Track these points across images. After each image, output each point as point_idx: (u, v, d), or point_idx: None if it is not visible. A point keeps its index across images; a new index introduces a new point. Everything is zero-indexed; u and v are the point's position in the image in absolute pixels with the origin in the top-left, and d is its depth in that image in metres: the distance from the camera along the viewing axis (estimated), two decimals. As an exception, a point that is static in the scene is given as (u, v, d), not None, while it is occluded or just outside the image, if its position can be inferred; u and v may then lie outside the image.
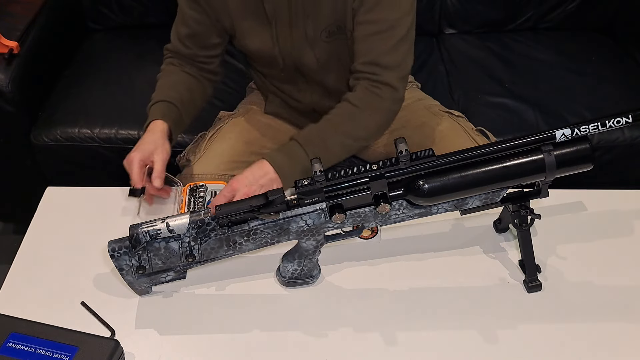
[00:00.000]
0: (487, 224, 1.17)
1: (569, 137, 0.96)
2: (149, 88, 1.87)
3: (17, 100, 1.72)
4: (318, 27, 1.27)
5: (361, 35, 1.23)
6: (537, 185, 1.03)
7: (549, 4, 2.14)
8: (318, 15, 1.25)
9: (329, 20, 1.26)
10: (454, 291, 1.07)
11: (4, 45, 1.73)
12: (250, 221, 0.99)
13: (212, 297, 1.06)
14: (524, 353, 0.97)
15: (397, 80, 1.23)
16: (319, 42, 1.29)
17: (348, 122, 1.23)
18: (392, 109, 1.27)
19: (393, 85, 1.23)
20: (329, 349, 0.98)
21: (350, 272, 1.10)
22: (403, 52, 1.24)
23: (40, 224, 1.20)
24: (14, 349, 0.91)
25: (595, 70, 1.99)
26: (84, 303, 1.04)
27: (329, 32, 1.27)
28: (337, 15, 1.24)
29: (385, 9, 1.20)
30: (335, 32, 1.27)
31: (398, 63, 1.23)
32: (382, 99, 1.23)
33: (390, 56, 1.22)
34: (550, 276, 1.08)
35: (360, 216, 1.00)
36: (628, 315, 1.02)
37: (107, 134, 1.76)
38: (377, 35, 1.21)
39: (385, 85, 1.22)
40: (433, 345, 0.98)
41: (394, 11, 1.20)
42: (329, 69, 1.35)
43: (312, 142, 1.21)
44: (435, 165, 0.96)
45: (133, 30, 2.19)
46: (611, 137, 1.76)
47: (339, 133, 1.23)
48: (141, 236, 0.98)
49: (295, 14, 1.25)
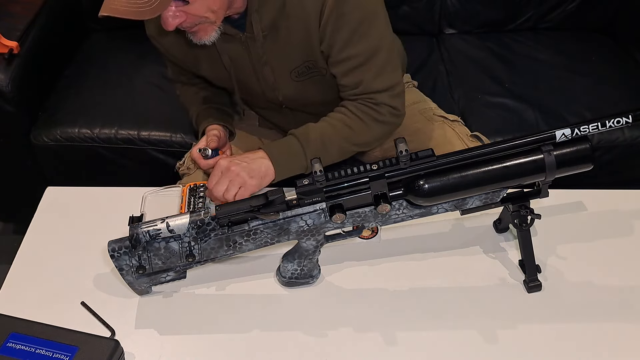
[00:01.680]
0: (487, 224, 1.17)
1: (569, 137, 0.96)
2: (149, 88, 1.89)
3: (17, 100, 1.72)
4: (285, 70, 1.26)
5: (343, 71, 1.22)
6: (537, 185, 1.03)
7: (549, 4, 2.13)
8: (283, 60, 1.24)
9: (297, 63, 1.25)
10: (454, 291, 1.07)
11: (4, 45, 1.73)
12: (250, 221, 0.99)
13: (212, 297, 1.06)
14: (524, 353, 0.97)
15: (393, 98, 1.24)
16: (289, 81, 1.28)
17: (347, 128, 1.24)
18: (393, 121, 1.27)
19: (389, 104, 1.24)
20: (329, 349, 0.98)
21: (350, 272, 1.10)
22: (391, 71, 1.24)
23: (40, 224, 1.20)
24: (14, 349, 0.91)
25: (595, 70, 1.99)
26: (84, 303, 1.04)
27: (299, 73, 1.27)
28: (305, 57, 1.23)
29: (358, 43, 1.18)
30: (306, 72, 1.26)
31: (389, 84, 1.23)
32: (381, 114, 1.24)
33: (380, 81, 1.22)
34: (550, 276, 1.08)
35: (360, 216, 1.00)
36: (628, 315, 1.02)
37: (107, 134, 1.76)
38: (359, 69, 1.21)
39: (382, 105, 1.24)
40: (433, 345, 0.98)
41: (367, 41, 1.18)
42: (307, 101, 1.34)
43: (310, 140, 1.21)
44: (435, 165, 0.96)
45: (133, 30, 2.15)
46: (611, 137, 1.76)
47: (338, 136, 1.23)
48: (141, 236, 0.98)
49: (257, 61, 1.25)
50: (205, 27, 1.12)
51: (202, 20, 1.10)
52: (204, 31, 1.13)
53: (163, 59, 1.42)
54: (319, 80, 1.28)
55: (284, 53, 1.23)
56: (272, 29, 1.19)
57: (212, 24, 1.12)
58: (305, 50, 1.22)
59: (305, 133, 1.23)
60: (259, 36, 1.20)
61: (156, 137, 1.76)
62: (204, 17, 1.09)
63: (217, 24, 1.13)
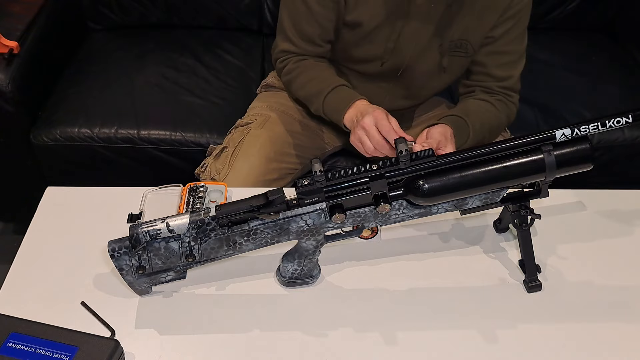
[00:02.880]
0: (487, 224, 1.17)
1: (569, 137, 0.96)
2: (149, 88, 1.90)
3: (17, 100, 1.72)
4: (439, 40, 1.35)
5: (499, 63, 1.40)
6: (537, 185, 1.03)
7: (549, 4, 2.14)
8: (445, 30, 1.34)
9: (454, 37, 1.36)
10: (454, 291, 1.07)
11: (4, 45, 1.73)
12: (250, 221, 0.99)
13: (212, 297, 1.06)
14: (524, 353, 0.97)
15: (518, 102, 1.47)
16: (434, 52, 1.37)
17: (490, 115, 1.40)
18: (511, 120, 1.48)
19: (517, 106, 1.47)
20: (329, 349, 0.98)
21: (350, 272, 1.10)
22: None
23: (40, 224, 1.20)
24: (14, 349, 0.91)
25: (595, 70, 1.99)
26: (84, 303, 1.04)
27: (447, 48, 1.36)
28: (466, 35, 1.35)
29: (518, 42, 1.40)
30: (454, 48, 1.38)
31: (519, 87, 1.46)
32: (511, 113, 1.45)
33: (520, 82, 1.45)
34: (550, 276, 1.08)
35: (360, 216, 1.00)
36: (628, 315, 1.02)
37: (107, 133, 1.76)
38: (512, 65, 1.41)
39: (514, 104, 1.45)
40: (433, 345, 0.98)
41: (522, 43, 1.41)
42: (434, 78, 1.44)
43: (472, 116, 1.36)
44: (435, 165, 0.96)
45: (133, 30, 2.19)
46: (611, 137, 1.76)
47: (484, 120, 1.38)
48: (141, 236, 0.98)
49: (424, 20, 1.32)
50: None
51: None
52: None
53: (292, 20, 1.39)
54: (457, 61, 1.40)
55: (451, 24, 1.33)
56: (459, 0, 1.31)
57: None
58: (471, 29, 1.34)
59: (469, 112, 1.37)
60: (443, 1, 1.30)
61: (156, 137, 1.76)
62: None
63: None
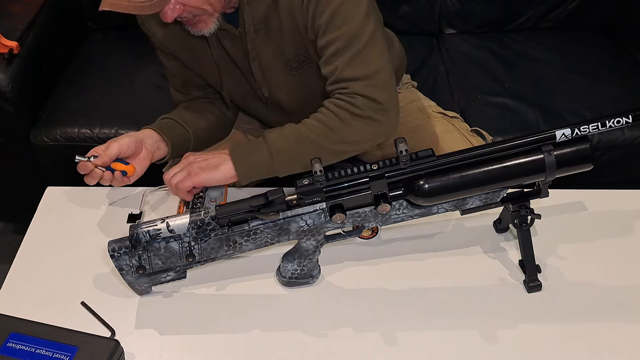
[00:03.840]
0: (487, 224, 1.17)
1: (569, 137, 0.96)
2: (149, 88, 1.89)
3: (17, 100, 1.72)
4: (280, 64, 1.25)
5: (323, 60, 1.17)
6: (537, 185, 1.03)
7: (549, 4, 2.13)
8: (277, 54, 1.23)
9: (289, 56, 1.24)
10: (453, 291, 1.07)
11: (4, 45, 1.73)
12: (250, 221, 0.99)
13: (212, 297, 1.06)
14: (524, 353, 0.97)
15: (369, 88, 1.14)
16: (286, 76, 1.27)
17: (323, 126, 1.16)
18: (376, 117, 1.15)
19: (365, 94, 1.14)
20: (329, 349, 0.98)
21: (350, 272, 1.10)
22: (371, 60, 1.15)
23: (40, 224, 1.20)
24: (14, 349, 0.91)
25: (595, 70, 1.99)
26: (84, 303, 1.04)
27: (291, 67, 1.25)
28: (297, 49, 1.22)
29: (337, 28, 1.14)
30: (299, 65, 1.25)
31: (366, 73, 1.15)
32: (357, 107, 1.14)
33: (354, 68, 1.15)
34: (550, 276, 1.08)
35: (360, 216, 1.00)
36: (628, 315, 1.02)
37: (107, 133, 1.76)
38: (337, 54, 1.15)
39: (355, 95, 1.15)
40: (433, 345, 0.98)
41: (346, 26, 1.14)
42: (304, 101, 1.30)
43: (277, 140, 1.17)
44: (435, 165, 0.96)
45: (133, 30, 2.17)
46: (611, 137, 1.76)
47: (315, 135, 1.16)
48: (141, 236, 0.98)
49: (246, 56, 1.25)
50: (205, 19, 1.14)
51: (200, 12, 1.11)
52: (204, 22, 1.15)
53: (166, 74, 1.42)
54: (315, 72, 1.23)
55: (276, 47, 1.23)
56: (264, 23, 1.19)
57: (210, 16, 1.14)
58: (296, 41, 1.21)
59: (275, 132, 1.18)
60: (250, 30, 1.20)
61: (156, 137, 1.76)
62: (202, 9, 1.11)
63: (215, 15, 1.15)
